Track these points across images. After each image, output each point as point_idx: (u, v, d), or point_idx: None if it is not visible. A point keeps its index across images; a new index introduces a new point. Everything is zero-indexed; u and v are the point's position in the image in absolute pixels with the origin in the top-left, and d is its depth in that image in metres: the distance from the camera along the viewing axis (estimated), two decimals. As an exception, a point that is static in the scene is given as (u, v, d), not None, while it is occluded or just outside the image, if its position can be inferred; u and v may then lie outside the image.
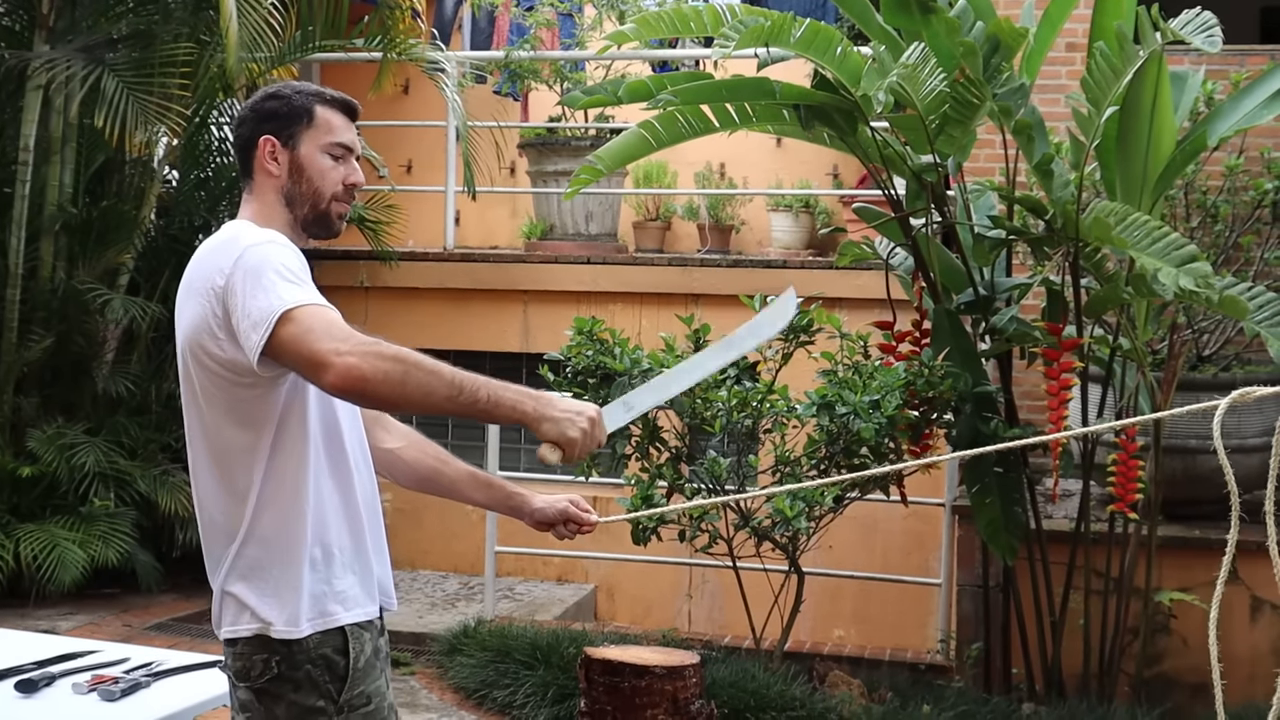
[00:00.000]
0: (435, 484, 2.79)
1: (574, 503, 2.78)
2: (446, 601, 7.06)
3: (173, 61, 6.89)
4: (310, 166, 2.50)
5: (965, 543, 5.75)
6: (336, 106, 2.54)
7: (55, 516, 6.69)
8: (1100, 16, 4.64)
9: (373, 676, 2.48)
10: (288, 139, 2.50)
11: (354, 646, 2.44)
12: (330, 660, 2.40)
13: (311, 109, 2.52)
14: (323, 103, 2.53)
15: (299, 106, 2.51)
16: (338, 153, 2.52)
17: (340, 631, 2.42)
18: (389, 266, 7.71)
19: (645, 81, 5.13)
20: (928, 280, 5.11)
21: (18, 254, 6.87)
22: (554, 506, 2.76)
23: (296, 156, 2.50)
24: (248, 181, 2.53)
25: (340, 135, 2.53)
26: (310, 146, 2.50)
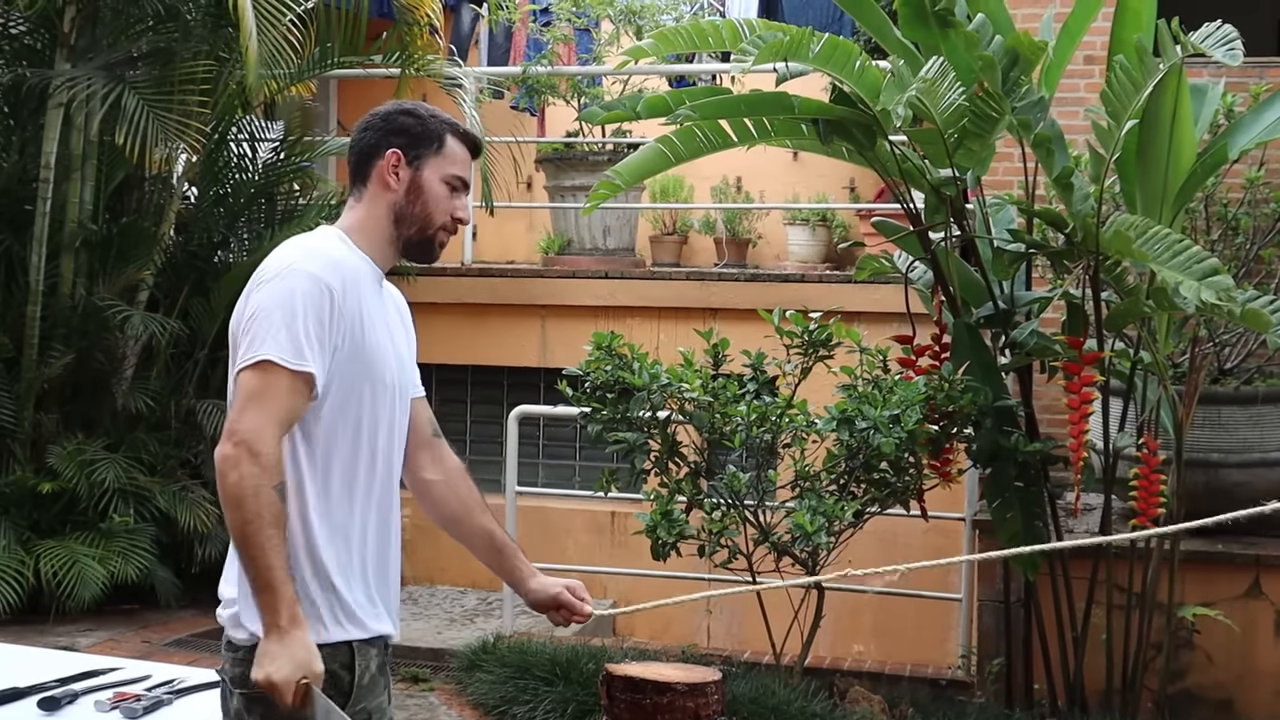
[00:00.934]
0: (453, 529, 2.83)
1: (571, 589, 2.81)
2: (465, 617, 7.06)
3: (192, 79, 6.92)
4: (429, 190, 2.55)
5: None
6: (466, 141, 2.61)
7: (75, 533, 6.71)
8: (1119, 29, 4.62)
9: (375, 693, 2.51)
10: (414, 158, 2.55)
11: (360, 663, 2.46)
12: (336, 675, 2.42)
13: (444, 136, 2.57)
14: (455, 134, 2.59)
15: (433, 130, 2.57)
16: (456, 184, 2.58)
17: (348, 647, 2.45)
18: (407, 281, 7.70)
19: (663, 96, 5.13)
20: (947, 294, 5.09)
21: (38, 270, 6.90)
22: (548, 591, 2.79)
23: (419, 178, 2.55)
24: (359, 189, 2.57)
25: (461, 169, 2.59)
26: (433, 172, 2.55)
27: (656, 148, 5.09)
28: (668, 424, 5.14)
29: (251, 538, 2.26)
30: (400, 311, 2.69)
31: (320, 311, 2.37)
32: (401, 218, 2.55)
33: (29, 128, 7.29)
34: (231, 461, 2.28)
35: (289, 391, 2.33)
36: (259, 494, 2.26)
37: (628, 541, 7.07)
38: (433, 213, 2.56)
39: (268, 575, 2.26)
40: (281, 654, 2.24)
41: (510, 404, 6.98)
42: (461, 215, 2.59)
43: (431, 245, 2.58)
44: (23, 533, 6.67)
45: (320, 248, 2.47)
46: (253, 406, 2.31)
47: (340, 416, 2.43)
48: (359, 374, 2.45)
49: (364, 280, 2.50)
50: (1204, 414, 5.23)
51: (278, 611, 2.25)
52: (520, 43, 9.67)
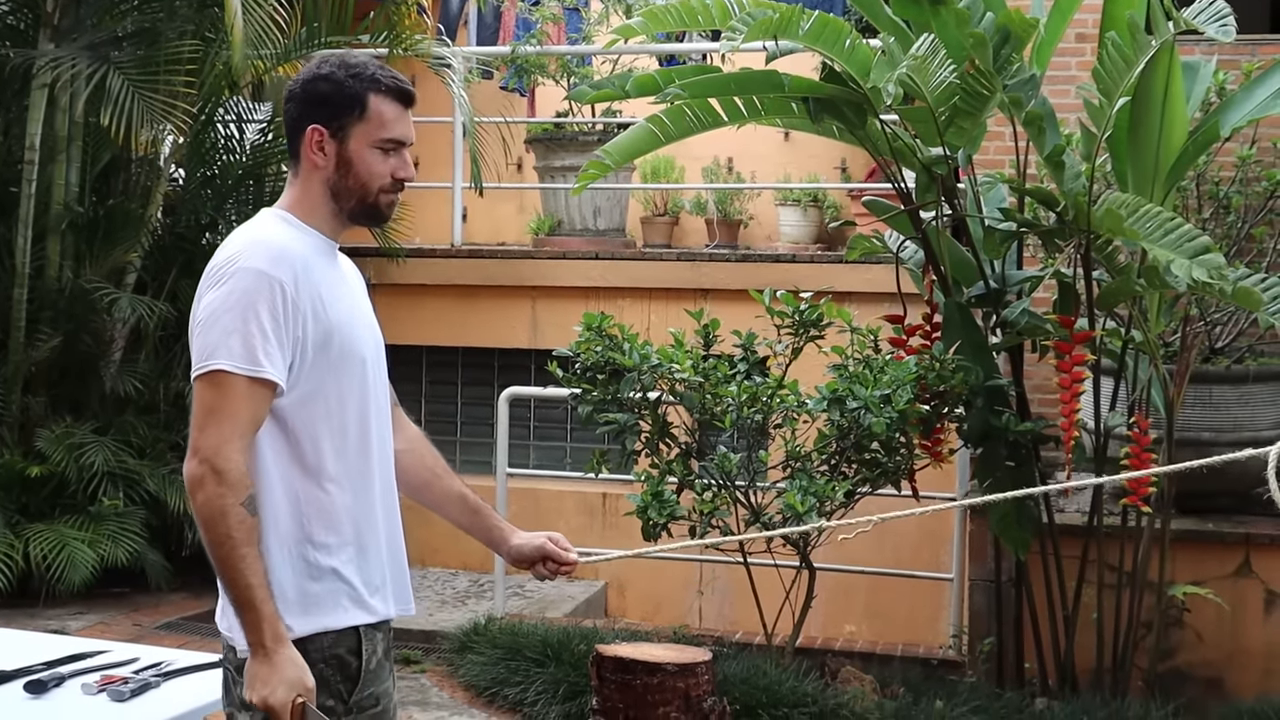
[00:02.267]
0: (423, 496, 2.77)
1: (553, 540, 2.74)
2: (457, 599, 7.05)
3: (178, 59, 6.87)
4: (359, 163, 2.39)
5: (977, 537, 5.72)
6: (394, 96, 2.40)
7: (64, 516, 6.68)
8: (1111, 6, 4.60)
9: (381, 678, 2.47)
10: (337, 130, 2.38)
11: (366, 647, 2.42)
12: (343, 660, 2.39)
13: (365, 99, 2.38)
14: (377, 91, 2.39)
15: (351, 95, 2.38)
16: (388, 147, 2.40)
17: (355, 632, 2.41)
18: (397, 263, 7.69)
19: (653, 75, 5.10)
20: (938, 273, 5.08)
21: (24, 253, 6.86)
22: (531, 543, 2.74)
23: (345, 151, 2.39)
24: (294, 165, 2.45)
25: (392, 130, 2.40)
26: (360, 141, 2.39)
27: (646, 127, 5.06)
28: (658, 405, 5.12)
29: (225, 559, 2.23)
30: (358, 278, 2.60)
31: (273, 308, 2.28)
32: (337, 193, 2.41)
33: (13, 109, 7.24)
34: (196, 481, 2.25)
35: (247, 399, 2.26)
36: (226, 514, 2.22)
37: (619, 523, 7.07)
38: (368, 182, 2.40)
39: (247, 594, 2.22)
40: (272, 676, 2.21)
41: (501, 386, 6.96)
42: (403, 174, 2.42)
43: (377, 209, 2.44)
44: (12, 516, 6.65)
45: (265, 238, 2.37)
46: (211, 422, 2.25)
47: (321, 401, 2.37)
48: (332, 355, 2.38)
49: (316, 260, 2.40)
50: (1195, 393, 5.22)
51: (261, 630, 2.21)
52: (509, 22, 9.62)
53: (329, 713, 2.34)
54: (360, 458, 2.44)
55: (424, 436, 2.77)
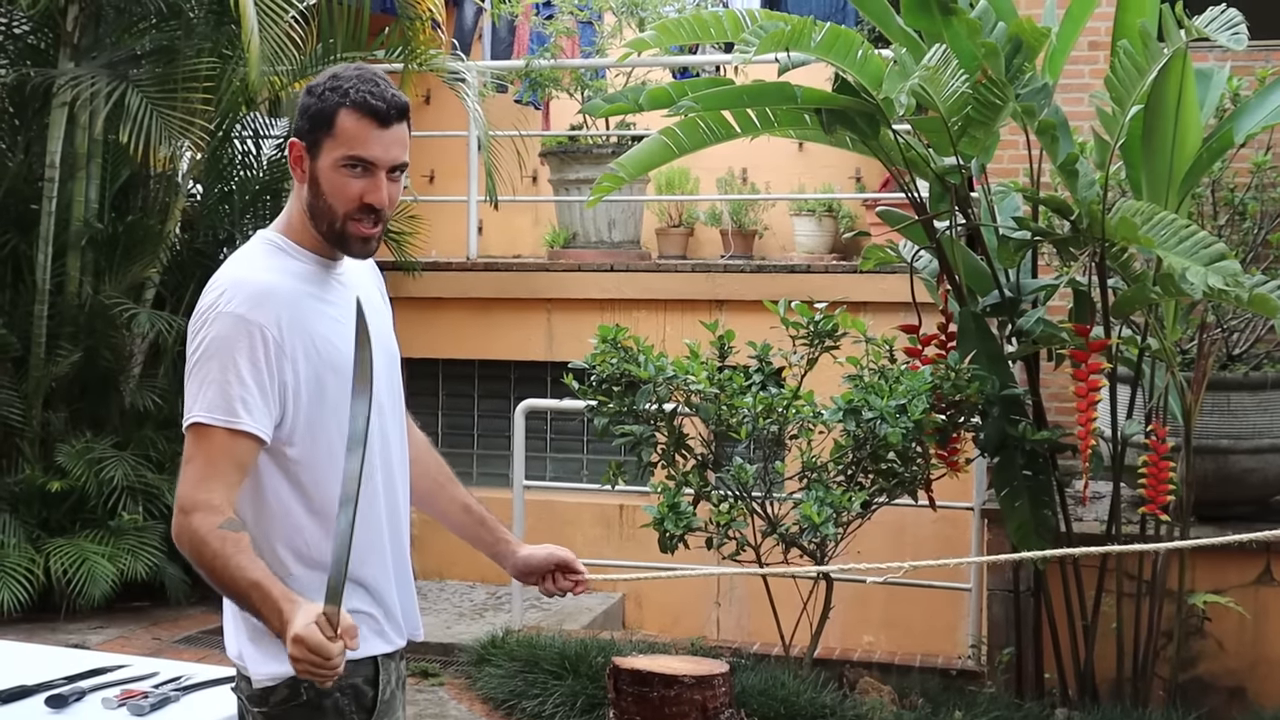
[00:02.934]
0: (428, 506, 2.68)
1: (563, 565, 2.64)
2: (474, 611, 7.06)
3: (195, 76, 6.92)
4: (325, 182, 2.26)
5: (995, 547, 5.71)
6: (364, 112, 2.22)
7: (84, 530, 6.72)
8: (1123, 14, 4.60)
9: (394, 708, 2.41)
10: (311, 146, 2.27)
11: (383, 677, 2.37)
12: (360, 690, 2.33)
13: (335, 114, 2.23)
14: (349, 106, 2.23)
15: (325, 110, 2.24)
16: (353, 164, 2.24)
17: (372, 661, 2.35)
18: (412, 277, 7.72)
19: (666, 88, 5.11)
20: (953, 283, 5.08)
21: (45, 269, 6.91)
22: (540, 553, 2.63)
23: (315, 169, 2.27)
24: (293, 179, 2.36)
25: (358, 147, 2.23)
26: (326, 159, 2.25)
27: (660, 140, 5.07)
28: (674, 416, 5.13)
29: (223, 571, 2.13)
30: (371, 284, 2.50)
31: (253, 357, 2.19)
32: (313, 213, 2.29)
33: (34, 127, 7.30)
34: (180, 529, 2.18)
35: (225, 450, 2.19)
36: (207, 538, 2.14)
37: (635, 534, 7.07)
38: (333, 205, 2.25)
39: (256, 593, 2.11)
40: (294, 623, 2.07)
41: (517, 398, 6.98)
42: (374, 200, 2.24)
43: (346, 239, 2.28)
44: (32, 531, 6.69)
45: (248, 277, 2.26)
46: (188, 473, 2.20)
47: (324, 440, 2.28)
48: (329, 396, 2.28)
49: (306, 292, 2.29)
50: (1213, 400, 5.21)
51: (279, 609, 2.08)
52: (523, 36, 9.65)
53: None
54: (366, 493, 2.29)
55: (430, 445, 2.70)
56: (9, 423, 6.92)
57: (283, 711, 2.28)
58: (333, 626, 2.04)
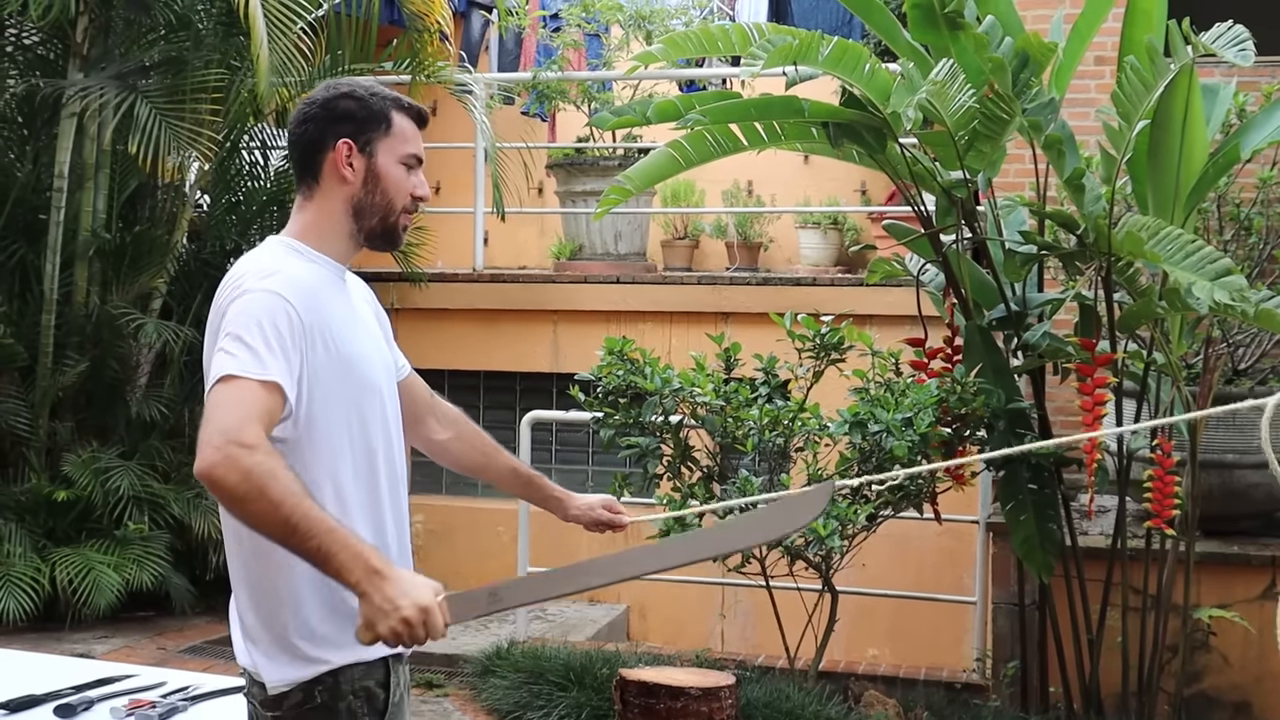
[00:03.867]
0: (480, 475, 2.89)
1: (607, 506, 2.95)
2: (479, 623, 7.05)
3: (204, 87, 6.95)
4: (387, 177, 2.40)
5: (1000, 560, 5.71)
6: (411, 115, 2.45)
7: (90, 540, 6.74)
8: (1130, 30, 4.61)
9: (404, 712, 2.45)
10: (365, 144, 2.39)
11: (394, 680, 2.39)
12: (372, 693, 2.35)
13: (390, 115, 2.41)
14: (399, 109, 2.43)
15: (378, 111, 2.41)
16: (411, 163, 2.43)
17: (384, 664, 2.37)
18: (419, 288, 7.74)
19: (673, 101, 5.13)
20: (959, 296, 5.08)
21: (52, 279, 6.93)
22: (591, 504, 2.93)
23: (374, 165, 2.39)
24: (309, 185, 2.42)
25: (414, 145, 2.44)
26: (387, 156, 2.40)
27: (667, 152, 5.09)
28: (680, 428, 5.14)
29: (292, 513, 2.05)
30: (369, 303, 2.58)
31: (277, 324, 2.22)
32: (361, 210, 2.40)
33: (42, 137, 7.33)
34: (224, 464, 2.06)
35: (259, 395, 2.16)
36: (276, 475, 2.06)
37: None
38: (394, 199, 2.41)
39: (329, 541, 2.05)
40: (397, 596, 2.07)
41: (523, 409, 6.99)
42: (421, 193, 2.45)
43: (395, 232, 2.44)
44: (38, 540, 6.70)
45: (273, 266, 2.32)
46: (222, 410, 2.13)
47: (333, 431, 2.31)
48: (343, 387, 2.34)
49: (325, 289, 2.37)
50: (1218, 416, 5.21)
51: (357, 566, 2.06)
52: (530, 48, 9.69)
53: None
54: (373, 489, 2.39)
55: (466, 418, 2.86)
56: (16, 432, 6.93)
57: (297, 715, 2.29)
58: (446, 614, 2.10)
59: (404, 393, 2.67)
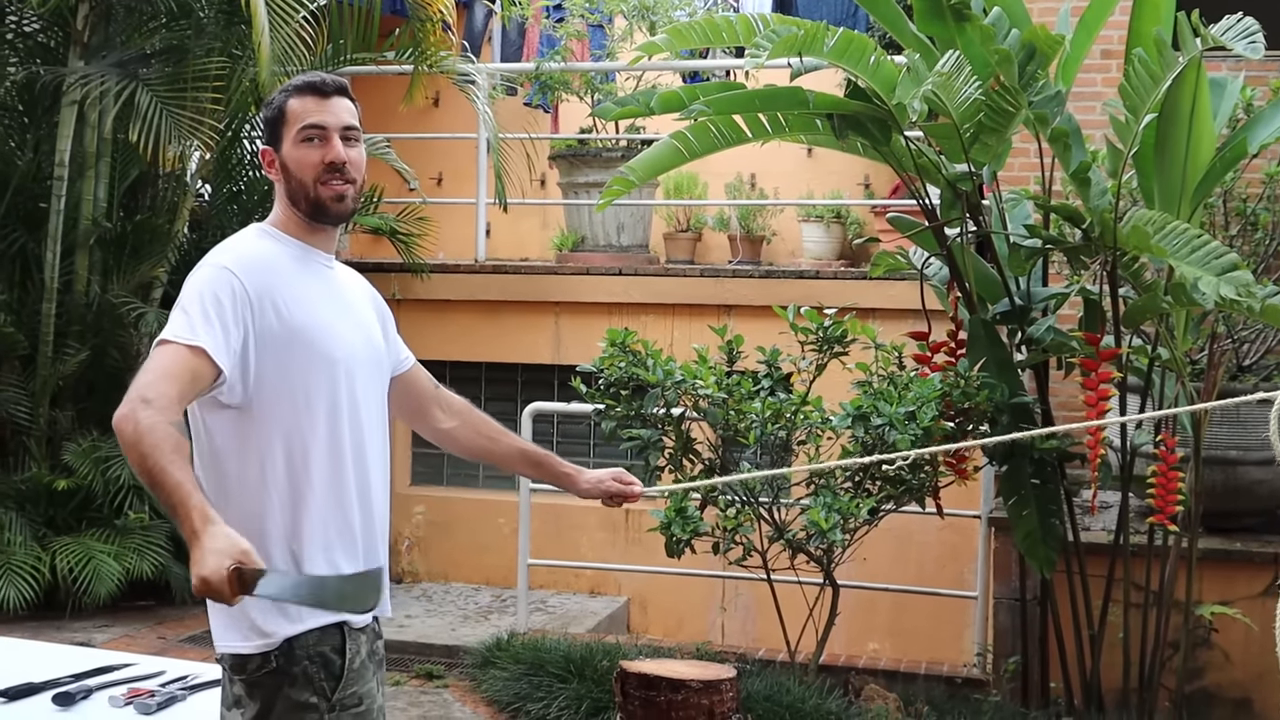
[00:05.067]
0: (488, 459, 3.00)
1: (617, 478, 3.03)
2: (479, 614, 7.05)
3: (205, 76, 6.92)
4: (291, 162, 2.54)
5: (1002, 555, 5.70)
6: (305, 92, 2.55)
7: (91, 529, 6.73)
8: (1138, 23, 4.59)
9: (365, 678, 2.54)
10: (276, 142, 2.56)
11: (350, 647, 2.50)
12: (327, 658, 2.47)
13: (284, 106, 2.56)
14: (291, 94, 2.56)
15: (276, 108, 2.57)
16: (311, 135, 2.53)
17: (339, 631, 2.48)
18: (420, 279, 7.72)
19: (677, 92, 5.11)
20: (963, 290, 5.07)
21: (53, 268, 6.92)
22: (600, 487, 3.02)
23: (282, 157, 2.56)
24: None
25: (310, 117, 2.53)
26: (288, 143, 2.54)
27: (670, 144, 5.07)
28: (682, 421, 5.12)
29: (154, 464, 2.19)
30: (366, 294, 2.73)
31: (218, 295, 2.39)
32: (292, 198, 2.56)
33: (43, 125, 7.31)
34: (126, 415, 2.23)
35: (184, 359, 2.32)
36: (155, 428, 2.21)
37: (642, 539, 7.06)
38: (302, 176, 2.53)
39: (177, 493, 2.18)
40: (201, 554, 2.14)
41: (524, 401, 6.97)
42: (333, 157, 2.52)
43: (321, 204, 2.54)
44: (39, 529, 6.70)
45: (232, 243, 2.54)
46: (145, 372, 2.31)
47: (288, 402, 2.45)
48: (296, 357, 2.46)
49: (285, 264, 2.53)
50: (1222, 411, 5.19)
51: (190, 518, 2.16)
52: (533, 39, 9.66)
53: (311, 709, 2.42)
54: (332, 460, 2.51)
55: (471, 406, 2.96)
56: (16, 421, 6.92)
57: (257, 679, 2.43)
58: (234, 584, 2.10)
59: (407, 385, 2.85)
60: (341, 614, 2.47)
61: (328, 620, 2.46)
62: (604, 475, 3.03)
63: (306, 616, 2.43)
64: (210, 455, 2.47)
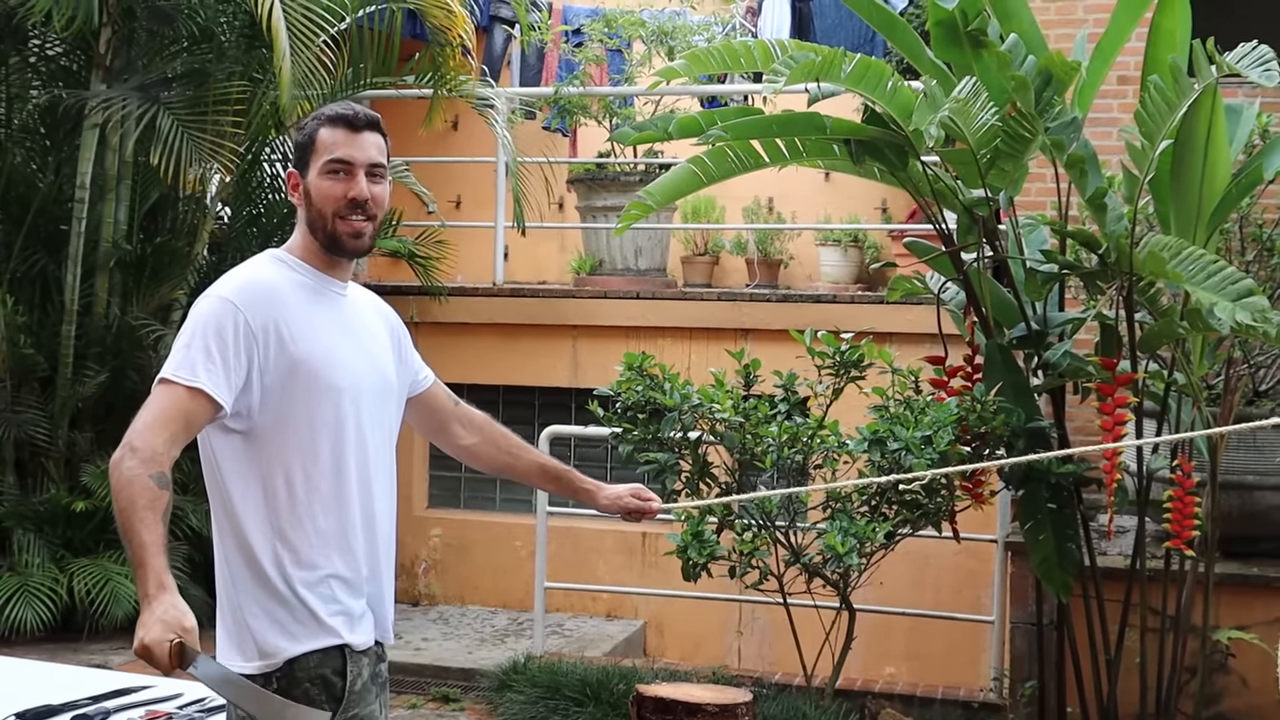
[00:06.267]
0: (509, 474, 3.04)
1: (636, 493, 3.05)
2: (496, 637, 7.05)
3: (226, 99, 6.98)
4: (315, 191, 2.58)
5: (1018, 579, 5.68)
6: (337, 123, 2.58)
7: (108, 551, 6.75)
8: (1153, 50, 4.60)
9: (367, 701, 2.56)
10: (304, 168, 2.60)
11: (352, 669, 2.52)
12: (329, 681, 2.49)
13: (315, 134, 2.59)
14: (323, 123, 2.59)
15: (307, 134, 2.60)
16: (336, 168, 2.56)
17: (340, 654, 2.51)
18: (439, 301, 7.75)
19: (696, 117, 5.13)
20: (979, 315, 5.07)
21: (73, 290, 6.96)
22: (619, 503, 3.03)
23: (307, 185, 2.59)
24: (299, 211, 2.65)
25: (337, 150, 2.56)
26: (314, 171, 2.58)
27: (688, 168, 5.09)
28: (699, 444, 5.13)
29: (127, 520, 2.28)
30: (381, 315, 2.78)
31: (221, 330, 2.43)
32: (311, 226, 2.60)
33: (65, 148, 7.36)
34: (115, 463, 2.32)
35: (180, 403, 2.39)
36: (134, 481, 2.29)
37: (659, 562, 7.06)
38: (323, 208, 2.57)
39: (141, 553, 2.26)
40: (150, 619, 2.21)
41: (541, 424, 6.99)
42: (355, 194, 2.56)
43: (337, 238, 2.58)
44: (56, 551, 6.72)
45: (240, 272, 2.57)
46: (143, 414, 2.38)
47: (292, 430, 2.48)
48: (299, 386, 2.50)
49: (294, 293, 2.56)
50: (1238, 436, 5.18)
51: (147, 581, 2.24)
52: (552, 63, 9.71)
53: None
54: (336, 487, 2.53)
55: (491, 421, 2.99)
56: (35, 442, 6.96)
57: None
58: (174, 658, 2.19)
59: (427, 402, 2.89)
60: None
61: (329, 642, 2.49)
62: (623, 491, 3.05)
63: (306, 638, 2.47)
64: (216, 476, 2.54)
